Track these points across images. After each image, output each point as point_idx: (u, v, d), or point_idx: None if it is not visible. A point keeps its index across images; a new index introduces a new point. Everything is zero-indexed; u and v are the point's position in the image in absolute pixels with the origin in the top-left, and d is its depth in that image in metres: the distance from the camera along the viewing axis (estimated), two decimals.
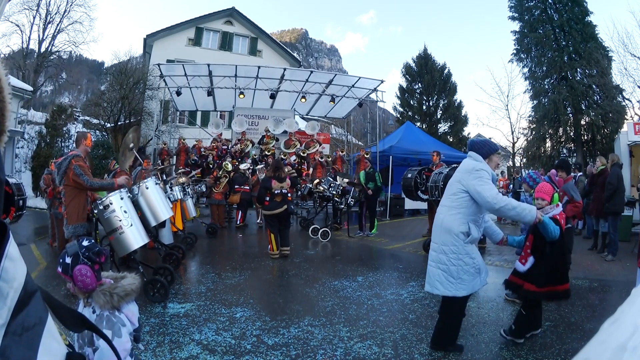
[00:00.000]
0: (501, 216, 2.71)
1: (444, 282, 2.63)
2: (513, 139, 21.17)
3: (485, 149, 2.79)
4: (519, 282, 2.94)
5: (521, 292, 2.89)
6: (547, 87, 19.58)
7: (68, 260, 1.46)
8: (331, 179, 8.20)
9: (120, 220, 3.70)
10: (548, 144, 19.66)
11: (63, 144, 15.92)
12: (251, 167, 9.76)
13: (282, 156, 10.87)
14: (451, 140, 22.26)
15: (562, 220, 2.93)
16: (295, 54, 25.93)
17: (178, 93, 11.52)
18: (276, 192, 5.81)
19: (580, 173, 8.11)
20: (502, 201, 2.53)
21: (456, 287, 2.60)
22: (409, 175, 7.74)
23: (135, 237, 3.77)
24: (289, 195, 6.13)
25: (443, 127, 23.87)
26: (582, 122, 18.16)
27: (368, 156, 9.86)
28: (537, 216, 2.57)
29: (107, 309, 1.42)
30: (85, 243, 1.52)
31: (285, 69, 11.66)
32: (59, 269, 1.47)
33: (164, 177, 8.00)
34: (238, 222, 9.04)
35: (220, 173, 9.08)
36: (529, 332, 2.98)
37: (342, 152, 12.45)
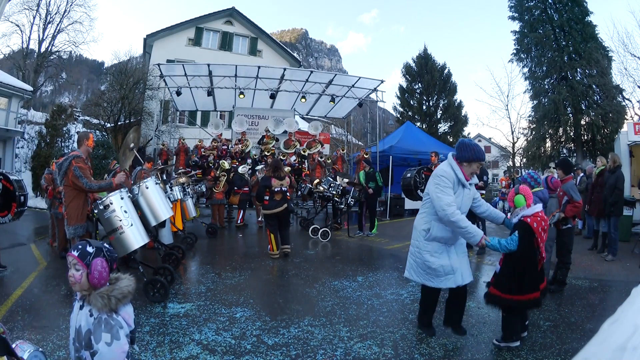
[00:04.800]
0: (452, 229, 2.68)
1: (414, 269, 2.95)
2: (513, 139, 21.21)
3: (468, 154, 2.76)
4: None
5: (485, 294, 2.86)
6: (547, 87, 19.57)
7: (91, 249, 1.47)
8: (331, 179, 8.19)
9: (120, 220, 3.70)
10: (548, 144, 19.65)
11: (63, 144, 15.91)
12: (250, 169, 9.76)
13: (282, 156, 10.86)
14: (451, 140, 22.25)
15: (534, 222, 2.71)
16: (295, 54, 25.92)
17: (178, 93, 11.51)
18: (276, 190, 5.81)
19: (583, 174, 8.11)
20: (452, 215, 2.61)
21: (423, 278, 2.89)
22: (408, 175, 7.74)
23: (135, 237, 3.77)
24: (289, 194, 6.12)
25: (443, 127, 23.89)
26: (582, 122, 18.15)
27: (367, 156, 9.87)
28: (480, 242, 2.64)
29: (104, 312, 1.41)
30: (107, 245, 1.56)
31: (285, 69, 11.65)
32: (75, 253, 1.45)
33: (164, 177, 8.01)
34: (238, 222, 9.04)
35: (218, 173, 9.08)
36: (519, 333, 2.87)
37: (342, 150, 12.44)
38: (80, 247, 1.48)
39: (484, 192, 6.23)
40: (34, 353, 1.43)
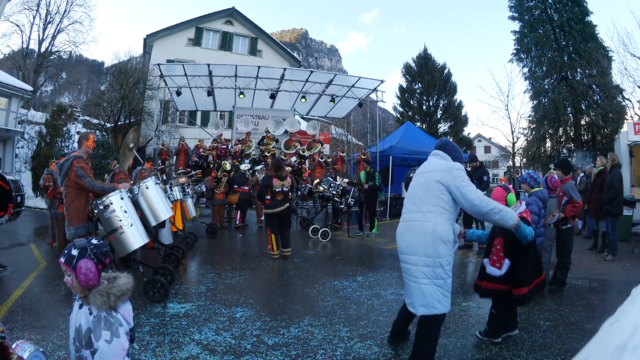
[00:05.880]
0: (484, 220, 2.51)
1: (442, 299, 2.32)
2: (513, 139, 21.21)
3: (457, 154, 2.65)
4: (499, 288, 2.85)
5: (512, 299, 2.80)
6: (547, 87, 19.59)
7: (74, 252, 1.46)
8: (331, 179, 8.20)
9: (120, 220, 3.70)
10: (548, 144, 19.68)
11: (63, 144, 15.92)
12: (250, 168, 9.75)
13: (283, 157, 10.85)
14: (451, 140, 22.20)
15: (528, 217, 2.95)
16: (295, 54, 25.92)
17: (178, 93, 11.51)
18: (277, 190, 5.81)
19: (582, 174, 8.12)
20: (490, 204, 2.33)
21: (448, 301, 2.36)
22: (411, 175, 7.74)
23: (135, 237, 3.77)
24: (290, 194, 6.12)
25: (443, 127, 23.91)
26: (582, 122, 18.17)
27: (365, 157, 9.88)
28: (517, 221, 2.42)
29: (104, 310, 1.41)
30: (94, 241, 1.53)
31: (285, 69, 11.64)
32: (62, 259, 1.46)
33: (164, 177, 8.00)
34: (237, 222, 9.03)
35: (219, 173, 9.08)
36: (505, 332, 2.93)
37: (342, 152, 12.43)
38: (66, 251, 1.48)
39: (484, 192, 6.22)
40: (34, 353, 1.43)
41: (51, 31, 22.81)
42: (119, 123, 16.84)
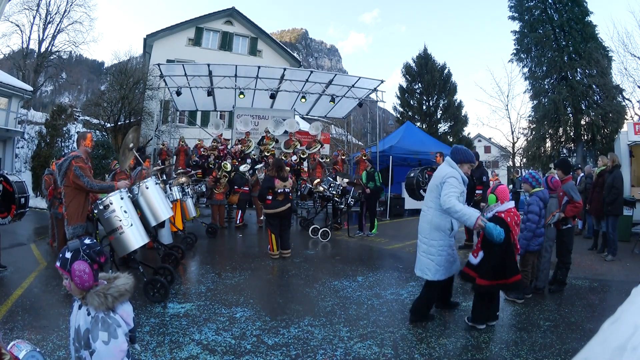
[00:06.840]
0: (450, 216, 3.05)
1: (431, 269, 3.15)
2: (513, 139, 21.21)
3: (458, 156, 3.24)
4: (471, 275, 3.18)
5: (474, 287, 3.14)
6: (547, 87, 19.58)
7: (68, 255, 1.46)
8: (331, 179, 8.19)
9: (120, 220, 3.70)
10: (548, 144, 19.66)
11: (63, 144, 15.92)
12: (250, 168, 9.75)
13: (283, 156, 10.85)
14: (451, 140, 22.23)
15: (507, 217, 3.18)
16: (295, 54, 25.91)
17: (178, 93, 11.50)
18: (279, 191, 5.80)
19: (582, 174, 8.11)
20: (449, 203, 2.95)
21: (437, 272, 3.13)
22: (412, 175, 7.76)
23: (135, 237, 3.77)
24: (290, 194, 6.12)
25: (443, 127, 23.86)
26: (582, 122, 18.15)
27: (366, 157, 9.87)
28: (477, 223, 2.85)
29: (101, 311, 1.40)
30: (87, 241, 1.52)
31: (285, 69, 11.63)
32: (58, 263, 1.46)
33: (164, 177, 7.99)
34: (237, 222, 9.03)
35: (219, 173, 9.08)
36: (487, 321, 3.19)
37: (343, 155, 12.42)
38: (60, 255, 1.48)
39: (480, 192, 6.21)
40: (30, 353, 1.43)
41: (51, 31, 22.83)
42: (119, 123, 16.83)
